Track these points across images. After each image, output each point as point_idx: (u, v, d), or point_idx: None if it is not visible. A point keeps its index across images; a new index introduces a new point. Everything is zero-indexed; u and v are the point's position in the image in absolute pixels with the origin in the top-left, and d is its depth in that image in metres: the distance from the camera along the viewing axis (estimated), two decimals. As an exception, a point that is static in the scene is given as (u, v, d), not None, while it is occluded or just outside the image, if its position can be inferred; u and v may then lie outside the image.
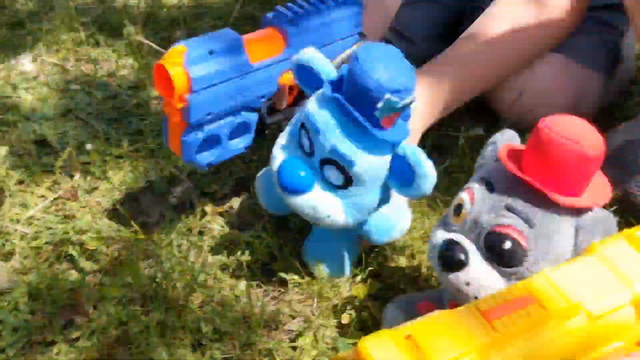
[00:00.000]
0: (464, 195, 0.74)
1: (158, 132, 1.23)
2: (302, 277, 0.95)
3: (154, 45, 1.46)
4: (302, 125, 0.82)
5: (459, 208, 0.74)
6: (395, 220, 0.88)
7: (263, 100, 0.96)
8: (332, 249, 0.95)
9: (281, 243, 1.00)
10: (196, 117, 0.86)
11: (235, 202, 1.09)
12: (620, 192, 0.97)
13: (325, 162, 0.81)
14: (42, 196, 1.08)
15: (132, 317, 0.88)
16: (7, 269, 0.94)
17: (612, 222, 0.71)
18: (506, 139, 0.79)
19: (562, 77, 1.20)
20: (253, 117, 0.96)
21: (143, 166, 1.16)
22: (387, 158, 0.80)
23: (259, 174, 0.97)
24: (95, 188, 1.11)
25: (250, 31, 0.97)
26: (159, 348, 0.83)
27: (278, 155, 0.86)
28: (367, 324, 0.89)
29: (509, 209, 0.69)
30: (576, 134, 0.67)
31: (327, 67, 0.82)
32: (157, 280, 0.93)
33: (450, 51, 1.15)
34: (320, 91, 0.82)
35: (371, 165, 0.79)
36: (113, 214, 1.06)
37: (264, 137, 1.00)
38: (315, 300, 0.94)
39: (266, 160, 0.92)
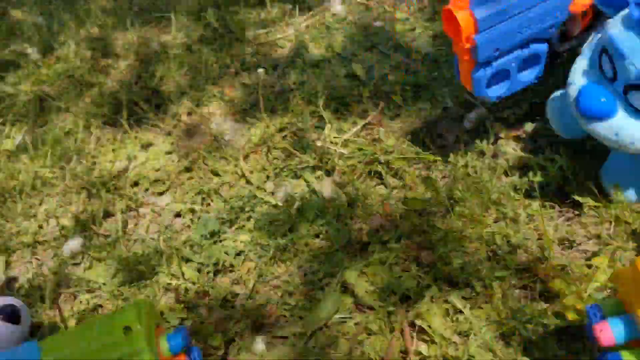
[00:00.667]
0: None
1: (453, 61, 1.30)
2: (598, 201, 0.95)
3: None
4: (604, 50, 0.81)
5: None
6: None
7: (552, 30, 0.95)
8: (632, 174, 0.93)
9: (575, 166, 1.01)
10: (484, 55, 0.90)
11: (529, 127, 1.11)
12: None
13: (630, 87, 0.79)
14: (354, 122, 1.25)
15: (432, 226, 0.99)
16: (330, 182, 1.13)
17: None
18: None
19: None
20: (542, 48, 0.96)
21: (440, 94, 1.25)
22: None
23: (550, 98, 0.98)
24: (398, 115, 1.24)
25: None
26: (456, 253, 0.93)
27: (576, 81, 0.86)
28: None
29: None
30: None
31: (633, -15, 0.79)
32: (454, 197, 1.02)
33: None
34: (624, 12, 0.79)
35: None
36: (413, 137, 1.18)
37: (556, 65, 1.00)
38: (612, 224, 0.93)
39: (559, 85, 0.93)
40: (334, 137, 1.22)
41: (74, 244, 1.09)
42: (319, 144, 1.18)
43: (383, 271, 0.96)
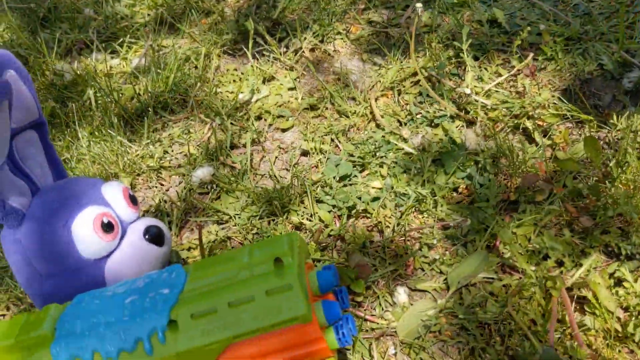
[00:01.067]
0: None
1: (608, 14, 1.19)
2: None
3: None
4: None
5: None
6: None
7: None
8: None
9: None
10: None
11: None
12: None
13: None
14: (497, 72, 1.16)
15: (592, 190, 0.92)
16: (473, 133, 1.06)
17: None
18: None
19: None
20: None
21: (594, 49, 1.15)
22: None
23: None
24: (544, 68, 1.15)
25: None
26: (617, 220, 0.86)
27: None
28: None
29: None
30: None
31: None
32: (610, 160, 0.94)
33: None
34: None
35: None
36: (564, 93, 1.09)
37: None
38: None
39: None
40: (475, 87, 1.14)
41: (204, 172, 1.06)
42: (463, 90, 1.10)
43: (535, 234, 0.90)
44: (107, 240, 0.73)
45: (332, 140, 1.13)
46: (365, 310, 0.88)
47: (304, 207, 1.01)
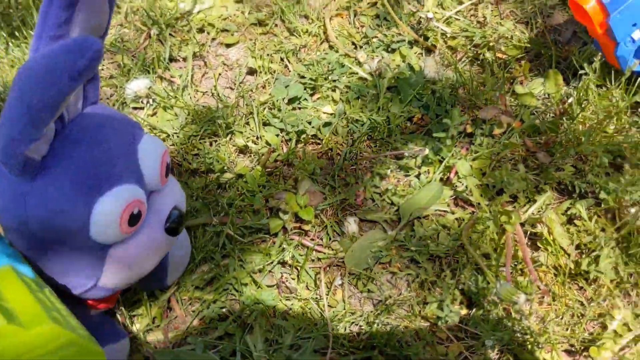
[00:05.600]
0: None
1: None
2: None
3: None
4: None
5: None
6: None
7: None
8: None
9: None
10: (621, 34, 0.87)
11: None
12: None
13: None
14: (459, 1, 1.10)
15: (550, 125, 0.89)
16: (433, 61, 1.00)
17: None
18: None
19: None
20: None
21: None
22: None
23: None
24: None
25: None
26: (573, 158, 0.84)
27: None
28: None
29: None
30: None
31: None
32: (569, 97, 0.91)
33: None
34: None
35: None
36: (526, 26, 1.05)
37: None
38: None
39: None
40: (435, 12, 1.08)
41: (139, 84, 0.96)
42: (424, 15, 1.03)
43: (490, 168, 0.87)
44: (128, 232, 0.59)
45: (282, 59, 1.05)
46: (311, 239, 0.83)
47: (250, 129, 0.94)
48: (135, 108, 0.98)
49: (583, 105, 0.89)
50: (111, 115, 0.61)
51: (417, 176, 0.88)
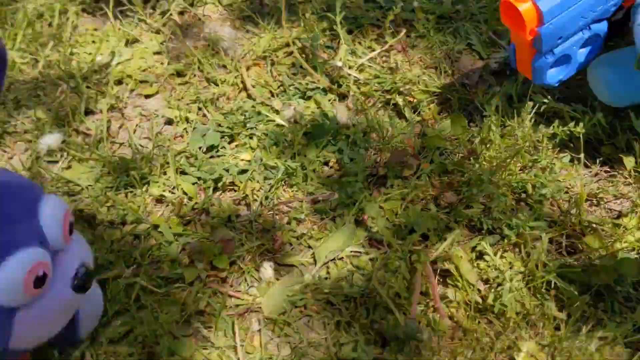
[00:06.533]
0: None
1: (477, -2, 1.22)
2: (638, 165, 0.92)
3: None
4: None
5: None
6: None
7: (614, 8, 0.90)
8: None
9: (611, 121, 0.97)
10: (548, 45, 0.86)
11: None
12: None
13: None
14: (370, 47, 1.15)
15: (457, 167, 0.93)
16: (345, 107, 1.04)
17: None
18: None
19: None
20: (603, 27, 0.91)
21: (464, 28, 1.17)
22: None
23: (592, 65, 0.93)
24: (417, 45, 1.15)
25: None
26: (480, 196, 0.88)
27: None
28: None
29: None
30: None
31: None
32: (475, 138, 0.96)
33: None
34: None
35: None
36: (435, 71, 1.10)
37: (613, 35, 0.95)
38: (642, 185, 0.90)
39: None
40: (348, 60, 1.12)
41: (52, 138, 0.96)
42: (336, 63, 1.07)
43: (402, 208, 0.89)
44: (33, 294, 0.58)
45: (200, 109, 1.06)
46: (230, 286, 0.83)
47: (166, 179, 0.94)
48: (49, 162, 0.97)
49: (488, 145, 0.94)
50: (8, 179, 0.62)
51: (332, 219, 0.90)
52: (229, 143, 1.01)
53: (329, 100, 1.06)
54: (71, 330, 0.74)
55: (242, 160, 0.98)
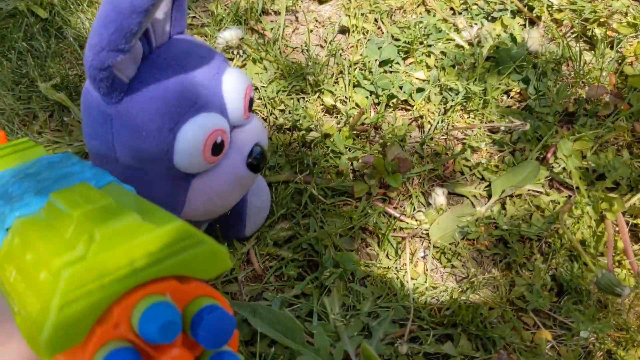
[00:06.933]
0: None
1: None
2: None
3: None
4: None
5: None
6: None
7: None
8: None
9: None
10: None
11: None
12: None
13: None
14: (568, -31, 1.03)
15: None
16: (537, 33, 0.94)
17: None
18: None
19: None
20: None
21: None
22: None
23: None
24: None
25: None
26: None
27: None
28: None
29: None
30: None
31: None
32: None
33: None
34: None
35: None
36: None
37: None
38: None
39: None
40: (543, -18, 1.01)
41: (232, 34, 0.94)
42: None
43: (592, 151, 0.81)
44: (211, 162, 0.57)
45: (376, 20, 1.01)
46: (394, 207, 0.80)
47: (339, 89, 0.91)
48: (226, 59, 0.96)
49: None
50: (198, 44, 0.60)
51: (512, 152, 0.84)
52: (404, 59, 0.95)
53: (518, 24, 0.97)
54: (238, 223, 0.74)
55: (418, 79, 0.92)
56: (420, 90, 0.90)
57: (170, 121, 0.54)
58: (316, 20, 1.02)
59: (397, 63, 0.94)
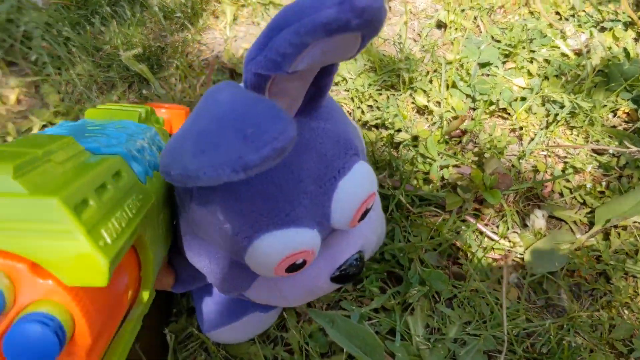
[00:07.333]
0: None
1: None
2: None
3: None
4: None
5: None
6: None
7: None
8: None
9: None
10: None
11: None
12: None
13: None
14: (691, -18, 0.95)
15: None
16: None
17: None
18: None
19: None
20: None
21: None
22: None
23: None
24: None
25: None
26: None
27: None
28: None
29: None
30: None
31: None
32: None
33: None
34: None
35: None
36: None
37: None
38: None
39: None
40: (662, -7, 0.93)
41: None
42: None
43: None
44: (283, 275, 0.45)
45: (475, 18, 0.94)
46: (485, 224, 0.74)
47: (433, 88, 0.85)
48: (311, 43, 0.91)
49: None
50: (328, 132, 0.45)
51: (618, 178, 0.77)
52: (503, 63, 0.89)
53: (630, 37, 0.90)
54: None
55: (517, 85, 0.86)
56: (522, 99, 0.83)
57: (250, 229, 0.42)
58: (410, 12, 0.96)
59: (496, 66, 0.88)
